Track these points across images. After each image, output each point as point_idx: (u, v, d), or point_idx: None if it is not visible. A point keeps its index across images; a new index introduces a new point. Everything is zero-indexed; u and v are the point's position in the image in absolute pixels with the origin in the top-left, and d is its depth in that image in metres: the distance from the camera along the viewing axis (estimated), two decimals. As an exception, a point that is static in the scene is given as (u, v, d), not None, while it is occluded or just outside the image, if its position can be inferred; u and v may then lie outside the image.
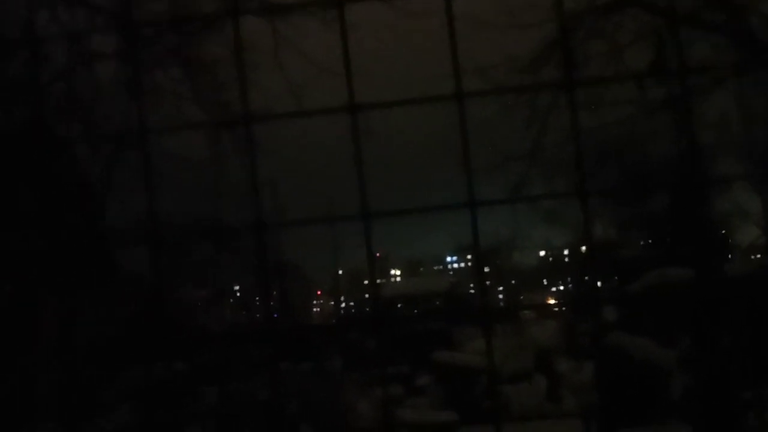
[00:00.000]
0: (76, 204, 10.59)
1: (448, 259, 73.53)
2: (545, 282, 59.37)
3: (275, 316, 22.94)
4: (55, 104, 10.89)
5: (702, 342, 9.36)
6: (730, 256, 20.96)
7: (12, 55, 10.33)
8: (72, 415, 9.07)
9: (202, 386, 11.54)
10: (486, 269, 66.63)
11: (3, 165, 9.65)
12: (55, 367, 9.81)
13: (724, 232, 20.69)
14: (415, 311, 30.19)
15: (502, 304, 59.50)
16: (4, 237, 9.58)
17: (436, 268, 69.17)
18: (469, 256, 71.52)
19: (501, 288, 64.65)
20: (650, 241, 24.23)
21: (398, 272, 68.92)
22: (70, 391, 9.57)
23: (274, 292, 27.24)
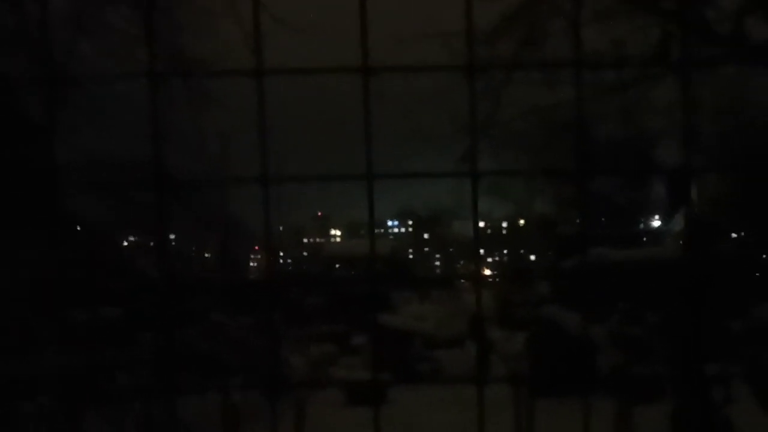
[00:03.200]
0: (17, 141, 10.31)
1: (389, 223, 74.00)
2: (482, 252, 60.31)
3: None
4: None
5: (631, 319, 9.72)
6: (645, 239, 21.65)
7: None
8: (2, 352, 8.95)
9: (136, 333, 11.48)
10: (425, 236, 67.33)
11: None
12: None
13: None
14: (353, 273, 30.39)
15: (438, 271, 60.24)
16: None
17: (377, 231, 69.56)
18: (410, 222, 72.11)
19: (438, 256, 65.50)
20: (587, 220, 24.82)
21: (339, 233, 69.11)
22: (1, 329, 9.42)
23: (213, 244, 27.06)
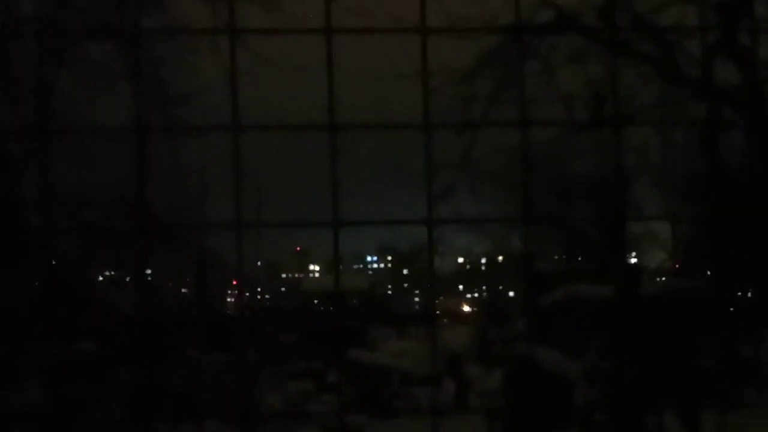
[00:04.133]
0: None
1: (368, 258, 73.94)
2: (461, 288, 60.27)
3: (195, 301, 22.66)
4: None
5: (607, 356, 9.77)
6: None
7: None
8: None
9: (111, 369, 11.35)
10: (404, 272, 67.26)
11: None
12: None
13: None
14: (331, 308, 30.27)
15: (417, 307, 60.05)
16: None
17: (355, 267, 69.39)
18: (389, 257, 72.07)
19: (417, 291, 65.38)
20: (564, 256, 24.95)
21: (317, 268, 68.86)
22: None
23: (189, 279, 26.87)
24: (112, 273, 19.57)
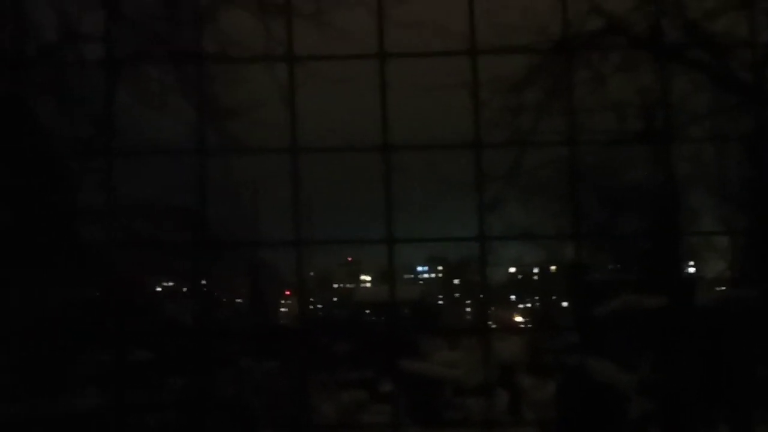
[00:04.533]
0: (48, 181, 10.59)
1: (419, 268, 73.81)
2: (513, 298, 59.76)
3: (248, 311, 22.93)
4: (36, 80, 10.87)
5: (662, 369, 9.61)
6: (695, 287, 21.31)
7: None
8: (31, 393, 9.08)
9: (166, 377, 11.59)
10: (455, 282, 67.00)
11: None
12: (14, 344, 9.81)
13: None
14: (383, 318, 30.34)
15: (468, 317, 59.79)
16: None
17: (406, 276, 69.33)
18: (439, 267, 71.85)
19: (468, 301, 65.02)
20: (619, 266, 24.57)
21: (369, 278, 69.02)
22: (29, 369, 9.57)
23: (244, 290, 27.23)
24: (169, 284, 19.97)
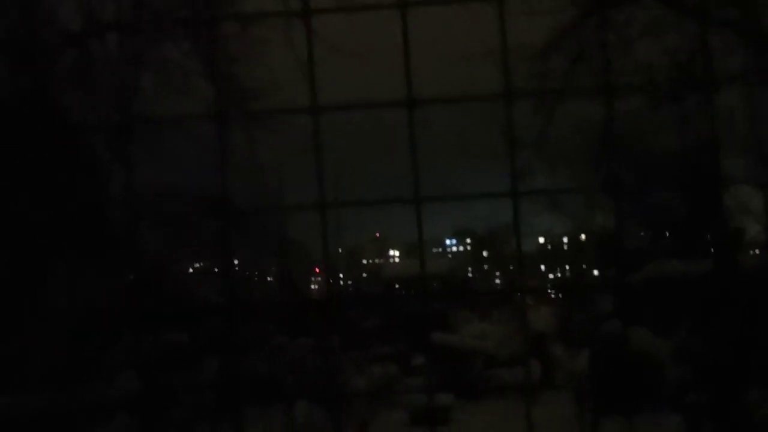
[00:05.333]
0: (81, 174, 10.66)
1: (447, 242, 73.77)
2: (543, 268, 59.50)
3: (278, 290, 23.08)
4: (63, 72, 10.92)
5: (698, 335, 9.49)
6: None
7: (23, 20, 10.35)
8: (70, 379, 9.21)
9: (201, 358, 11.70)
10: (485, 254, 66.87)
11: (10, 133, 9.72)
12: (56, 334, 9.94)
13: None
14: (412, 292, 30.38)
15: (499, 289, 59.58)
16: (8, 205, 9.67)
17: (435, 250, 69.31)
18: (468, 240, 71.74)
19: (497, 273, 64.91)
20: (651, 232, 24.26)
21: (397, 253, 69.16)
22: (69, 356, 9.71)
23: (274, 269, 27.41)
24: (200, 264, 20.14)
